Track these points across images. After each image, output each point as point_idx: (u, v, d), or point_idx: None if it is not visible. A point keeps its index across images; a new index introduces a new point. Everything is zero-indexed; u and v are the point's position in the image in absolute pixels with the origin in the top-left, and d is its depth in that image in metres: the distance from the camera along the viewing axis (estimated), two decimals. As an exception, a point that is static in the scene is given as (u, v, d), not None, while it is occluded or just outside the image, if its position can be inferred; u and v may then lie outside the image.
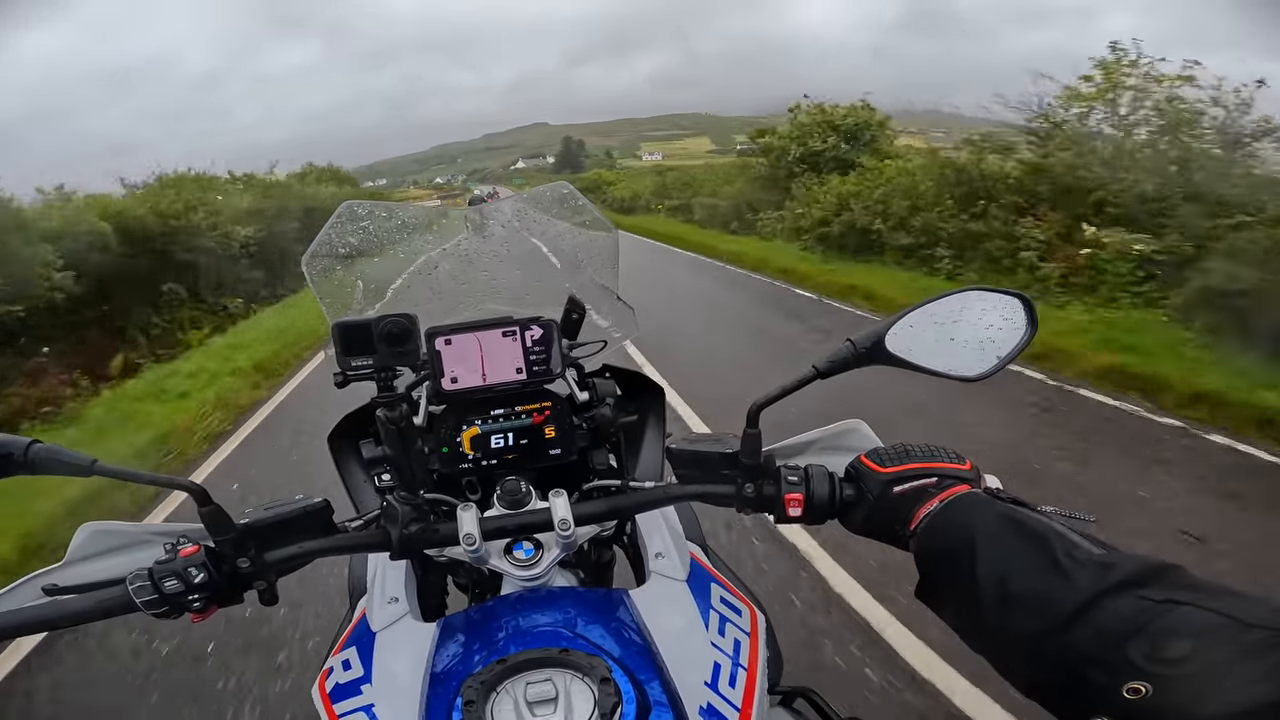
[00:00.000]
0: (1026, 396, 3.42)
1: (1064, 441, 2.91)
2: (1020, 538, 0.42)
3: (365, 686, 0.53)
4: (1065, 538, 0.40)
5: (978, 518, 0.45)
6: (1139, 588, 0.35)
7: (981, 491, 0.49)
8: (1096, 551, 0.39)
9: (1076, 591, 0.37)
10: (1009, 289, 0.53)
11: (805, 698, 0.58)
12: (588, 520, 0.59)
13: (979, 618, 0.41)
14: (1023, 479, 2.50)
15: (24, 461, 0.48)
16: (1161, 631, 0.32)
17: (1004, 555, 0.41)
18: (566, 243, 0.80)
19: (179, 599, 0.51)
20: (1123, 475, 2.57)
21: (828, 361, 0.53)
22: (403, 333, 0.58)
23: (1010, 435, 2.98)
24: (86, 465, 0.48)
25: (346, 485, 0.73)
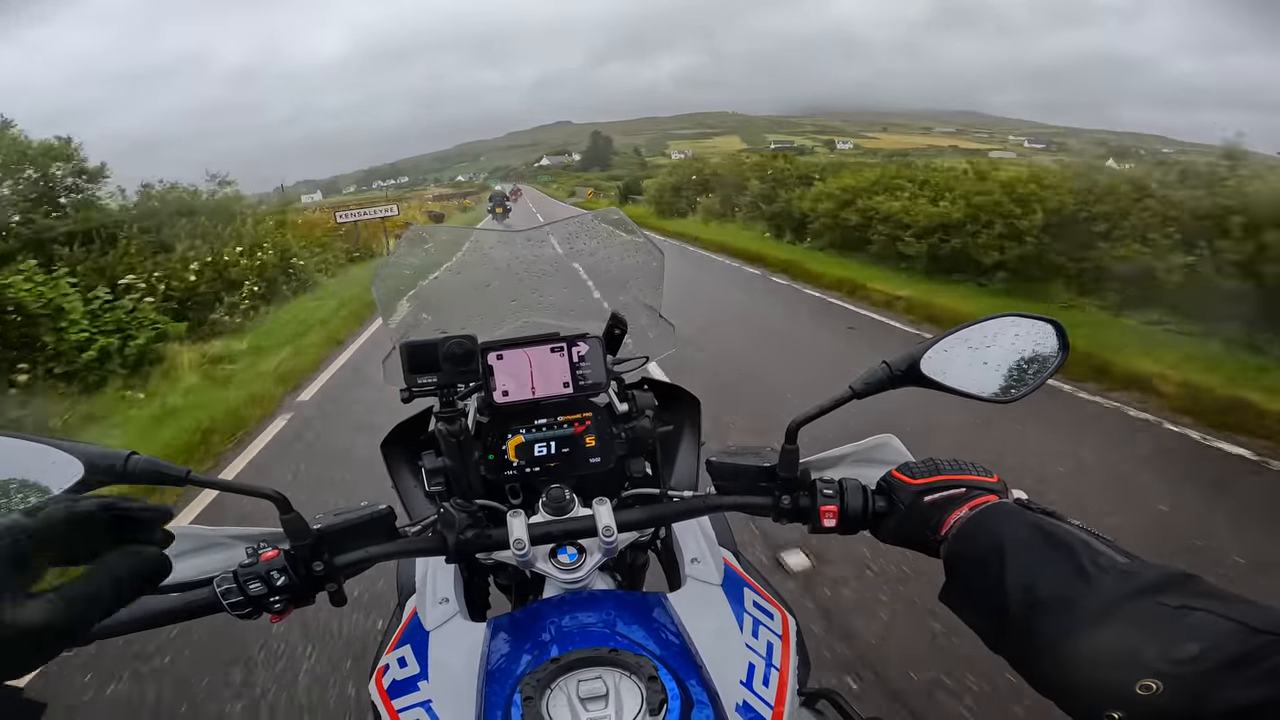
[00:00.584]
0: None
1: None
2: (1049, 546, 0.45)
3: (422, 683, 0.57)
4: (1091, 546, 0.44)
5: (1008, 526, 0.48)
6: (1158, 594, 0.39)
7: (1010, 503, 0.53)
8: (1121, 560, 0.43)
9: (1100, 597, 0.40)
10: (1042, 315, 0.57)
11: (828, 699, 0.62)
12: (630, 527, 0.64)
13: (1005, 621, 0.45)
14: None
15: (123, 472, 0.51)
16: (1175, 634, 0.36)
17: (1033, 562, 0.45)
18: (614, 265, 0.86)
19: (262, 600, 0.56)
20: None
21: (864, 382, 0.58)
22: (465, 353, 0.63)
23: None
24: (181, 475, 0.52)
25: (398, 490, 0.78)
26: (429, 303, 0.82)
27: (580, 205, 30.22)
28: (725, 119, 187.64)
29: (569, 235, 0.86)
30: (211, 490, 0.60)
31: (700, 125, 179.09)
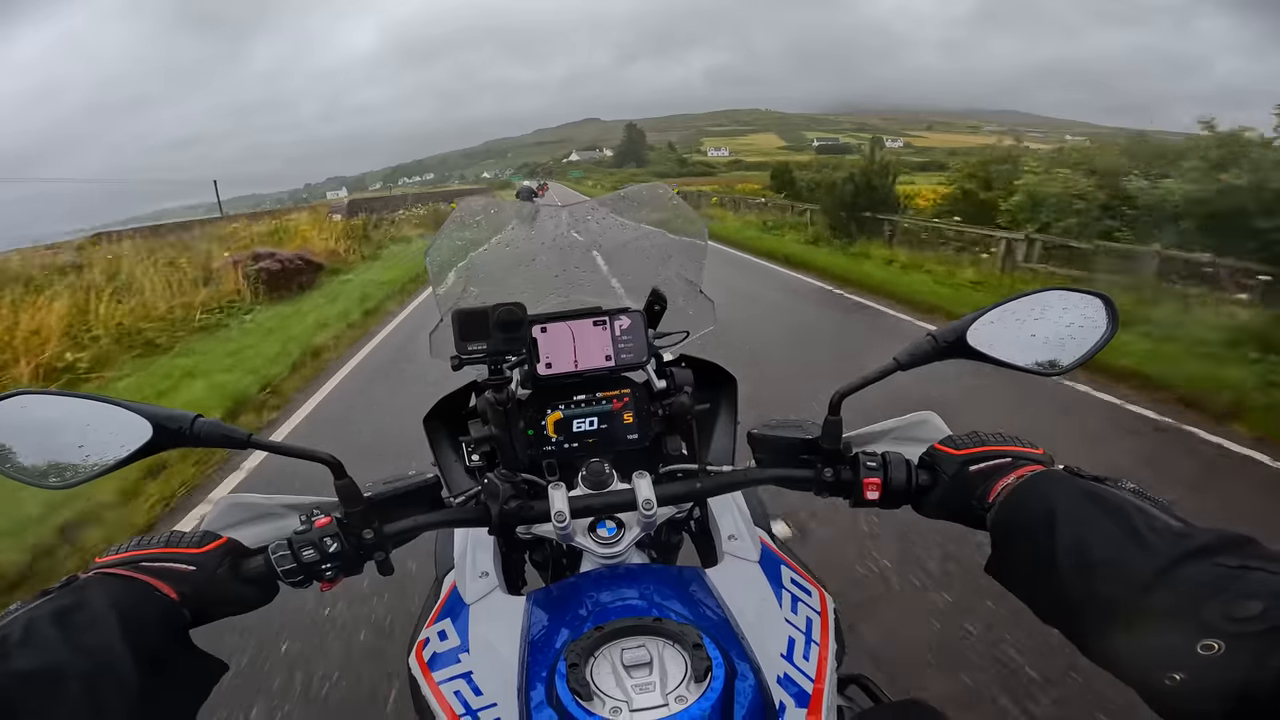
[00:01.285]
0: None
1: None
2: (1101, 511, 0.46)
3: (463, 655, 0.59)
4: (1144, 510, 0.45)
5: (1058, 492, 0.49)
6: (1215, 555, 0.40)
7: (1061, 470, 0.54)
8: (1175, 523, 0.44)
9: (1155, 558, 0.41)
10: (1091, 289, 0.58)
11: (859, 684, 0.64)
12: (669, 501, 0.67)
13: (1055, 587, 0.46)
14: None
15: (190, 434, 0.55)
16: (1235, 594, 0.37)
17: (1084, 526, 0.46)
18: (655, 241, 0.89)
19: (314, 568, 0.58)
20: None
21: (909, 354, 0.60)
22: (515, 320, 0.65)
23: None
24: (243, 438, 0.55)
25: (439, 464, 0.82)
26: (476, 276, 0.86)
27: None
28: (759, 116, 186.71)
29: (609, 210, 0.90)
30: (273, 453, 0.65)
31: (734, 122, 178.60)
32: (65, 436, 0.55)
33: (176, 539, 0.55)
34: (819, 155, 77.98)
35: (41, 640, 0.42)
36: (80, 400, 0.55)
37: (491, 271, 0.86)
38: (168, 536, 0.55)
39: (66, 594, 0.47)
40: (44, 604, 0.45)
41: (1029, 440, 0.59)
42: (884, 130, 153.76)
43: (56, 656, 0.42)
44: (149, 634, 0.47)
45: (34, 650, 0.41)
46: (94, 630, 0.44)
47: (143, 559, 0.53)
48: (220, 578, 0.55)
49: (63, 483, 0.54)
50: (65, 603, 0.45)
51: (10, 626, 0.43)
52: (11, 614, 0.45)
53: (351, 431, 3.61)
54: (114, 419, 0.54)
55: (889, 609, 1.89)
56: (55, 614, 0.44)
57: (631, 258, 0.88)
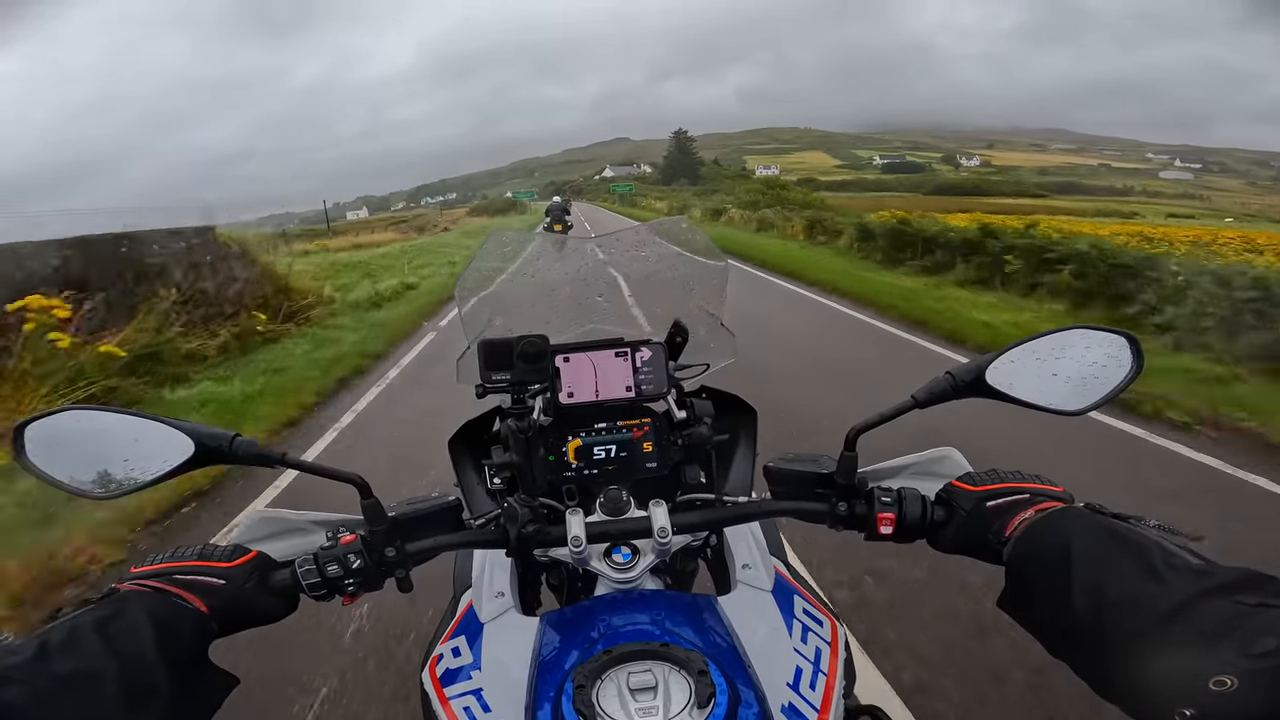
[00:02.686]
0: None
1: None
2: (1119, 548, 0.49)
3: (475, 673, 0.64)
4: (1164, 548, 0.48)
5: (1077, 528, 0.52)
6: (1234, 592, 0.42)
7: (1081, 507, 0.56)
8: (1195, 561, 0.46)
9: (1172, 595, 0.44)
10: (1115, 328, 0.61)
11: (871, 715, 0.66)
12: (685, 529, 0.72)
13: (1069, 622, 0.48)
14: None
15: (229, 451, 0.61)
16: (1252, 631, 0.39)
17: (1102, 562, 0.48)
18: (678, 272, 0.95)
19: (338, 583, 0.63)
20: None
21: (926, 392, 0.64)
22: (539, 352, 0.70)
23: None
24: (277, 457, 0.62)
25: (462, 485, 0.89)
26: (501, 305, 0.93)
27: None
28: (801, 134, 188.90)
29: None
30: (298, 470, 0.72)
31: (774, 140, 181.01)
32: (112, 450, 0.61)
33: (209, 552, 0.61)
34: (885, 175, 76.87)
35: (82, 646, 0.48)
36: (127, 416, 0.61)
37: (516, 301, 0.93)
38: (201, 549, 0.61)
39: (107, 604, 0.53)
40: (86, 613, 0.51)
41: (1049, 479, 0.62)
42: (937, 149, 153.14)
43: (95, 662, 0.47)
44: (180, 645, 0.53)
45: (74, 655, 0.47)
46: (130, 639, 0.50)
47: (176, 571, 0.59)
48: (248, 591, 0.61)
49: (107, 494, 0.61)
50: (105, 612, 0.51)
51: (54, 632, 0.49)
52: (54, 622, 0.51)
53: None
54: (158, 435, 0.61)
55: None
56: (96, 622, 0.50)
57: (654, 290, 0.94)
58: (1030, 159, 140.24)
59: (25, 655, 0.46)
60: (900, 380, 0.96)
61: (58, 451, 0.60)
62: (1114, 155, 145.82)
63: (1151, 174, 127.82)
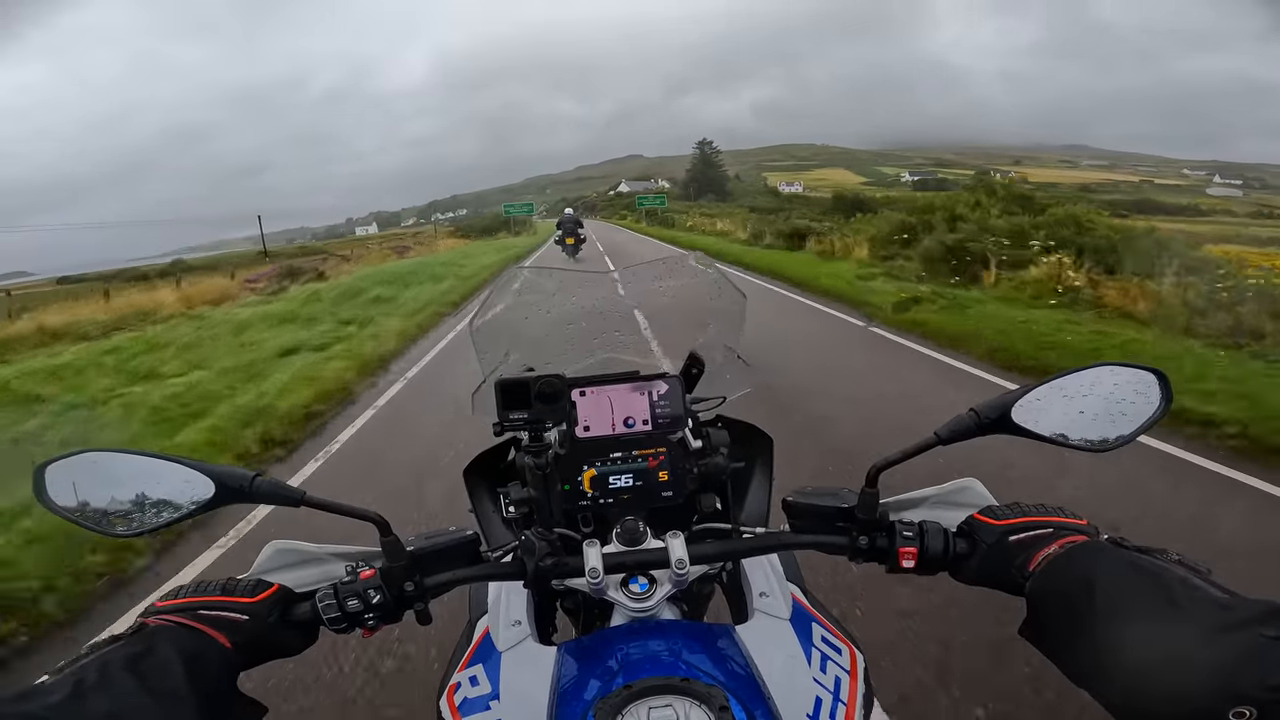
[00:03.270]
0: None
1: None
2: (1143, 581, 0.51)
3: (493, 703, 0.65)
4: (1188, 582, 0.49)
5: (1100, 562, 0.54)
6: (1256, 625, 0.43)
7: (1105, 540, 0.58)
8: (1218, 594, 0.48)
9: (1195, 628, 0.45)
10: (1144, 364, 0.62)
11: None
12: (702, 560, 0.73)
13: (1091, 652, 0.50)
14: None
15: (249, 491, 0.63)
16: (1272, 663, 0.40)
17: (1124, 595, 0.50)
18: (694, 306, 0.98)
19: (358, 617, 0.66)
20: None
21: (949, 430, 0.65)
22: (555, 392, 0.73)
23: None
24: (298, 497, 0.63)
25: (478, 515, 0.91)
26: (517, 341, 0.96)
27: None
28: (818, 151, 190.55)
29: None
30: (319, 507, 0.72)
31: (791, 157, 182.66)
32: (133, 491, 0.63)
33: (232, 587, 0.63)
34: (916, 192, 75.42)
35: (115, 685, 0.49)
36: (146, 458, 0.63)
37: (532, 336, 0.96)
38: (224, 584, 0.63)
39: (136, 641, 0.55)
40: (117, 649, 0.53)
41: (1073, 512, 0.63)
42: (963, 165, 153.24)
43: (128, 700, 0.49)
44: (208, 680, 0.55)
45: (108, 694, 0.49)
46: (161, 676, 0.52)
47: (201, 606, 0.61)
48: (270, 626, 0.63)
49: (128, 532, 0.63)
50: (136, 649, 0.53)
51: (86, 670, 0.50)
52: (85, 657, 0.52)
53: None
54: (177, 476, 0.63)
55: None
56: (127, 660, 0.52)
57: (670, 323, 0.97)
58: (1064, 175, 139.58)
59: (61, 696, 0.47)
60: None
61: (77, 491, 0.62)
62: (1150, 171, 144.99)
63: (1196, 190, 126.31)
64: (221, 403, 5.27)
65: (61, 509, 0.61)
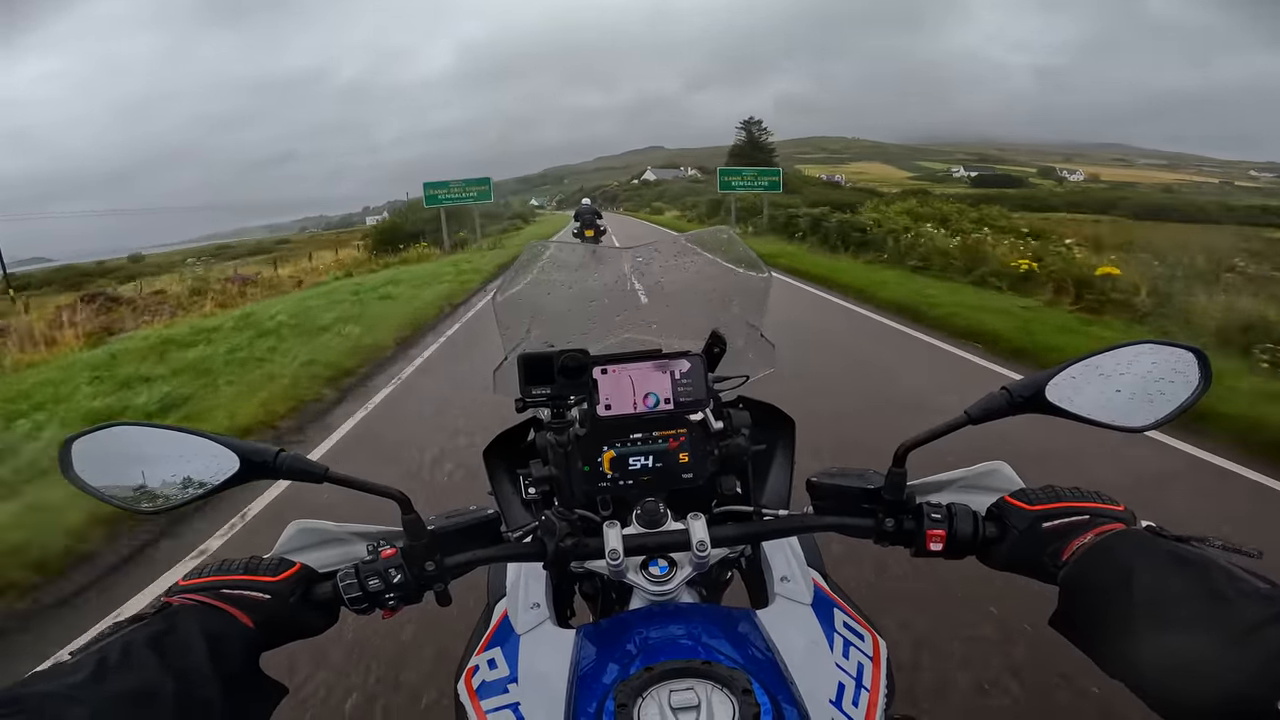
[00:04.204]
0: None
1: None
2: (1184, 572, 0.51)
3: (511, 686, 0.67)
4: (1231, 573, 0.50)
5: (1138, 552, 0.55)
6: None
7: (1142, 529, 0.59)
8: (1262, 585, 0.48)
9: (1237, 620, 0.46)
10: (1184, 343, 0.63)
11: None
12: (724, 543, 0.75)
13: (1128, 645, 0.51)
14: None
15: (274, 466, 0.65)
16: None
17: (1164, 586, 0.51)
18: (717, 284, 1.00)
19: (379, 597, 0.68)
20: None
21: (981, 408, 0.66)
22: (579, 366, 0.76)
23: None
24: (320, 472, 0.65)
25: (497, 496, 0.94)
26: (539, 317, 0.99)
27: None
28: (849, 144, 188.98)
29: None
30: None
31: (822, 149, 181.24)
32: (158, 466, 0.65)
33: (254, 565, 0.66)
34: (974, 189, 71.91)
35: (138, 663, 0.51)
36: (171, 432, 0.66)
37: (555, 312, 0.99)
38: (246, 562, 0.66)
39: (159, 620, 0.57)
40: (140, 628, 0.55)
41: (1110, 496, 0.64)
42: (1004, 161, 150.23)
43: (151, 679, 0.50)
44: (231, 660, 0.57)
45: (132, 672, 0.50)
46: (184, 655, 0.54)
47: (224, 585, 0.63)
48: (292, 605, 0.65)
49: (154, 509, 0.65)
50: (159, 628, 0.55)
51: (109, 649, 0.52)
52: (109, 636, 0.54)
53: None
54: (203, 450, 0.65)
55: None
56: (150, 639, 0.54)
57: (692, 301, 0.99)
58: (1121, 174, 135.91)
59: (84, 674, 0.49)
60: None
61: (103, 466, 0.65)
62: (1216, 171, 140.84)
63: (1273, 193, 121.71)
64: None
65: (87, 485, 0.63)
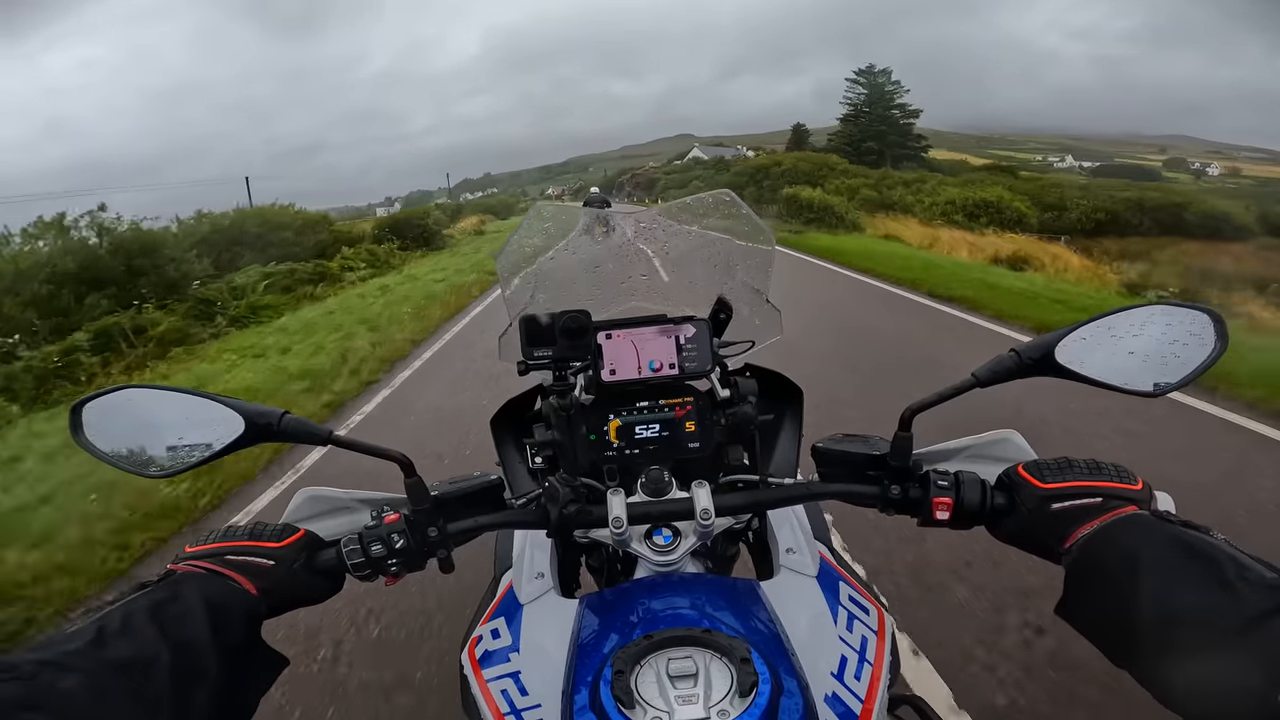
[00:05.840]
0: None
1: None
2: (1188, 558, 0.54)
3: (513, 655, 0.72)
4: (1237, 560, 0.52)
5: (1144, 540, 0.57)
6: None
7: (1149, 514, 0.61)
8: (1269, 575, 0.51)
9: (1245, 608, 0.49)
10: (1199, 304, 0.66)
11: (911, 705, 0.72)
12: (728, 511, 0.80)
13: (1133, 633, 0.54)
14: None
15: (277, 429, 0.70)
16: None
17: (1170, 575, 0.54)
18: (721, 249, 1.04)
19: (381, 563, 0.72)
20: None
21: (989, 370, 0.70)
22: (580, 328, 0.80)
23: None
24: (324, 435, 0.71)
25: (503, 465, 0.99)
26: (543, 282, 1.04)
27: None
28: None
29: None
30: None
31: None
32: (165, 429, 0.71)
33: (259, 531, 0.71)
34: (1098, 178, 65.32)
35: (137, 632, 0.54)
36: (179, 395, 0.71)
37: (558, 277, 1.04)
38: (252, 528, 0.71)
39: (162, 588, 0.60)
40: (141, 597, 0.58)
41: (1128, 471, 0.66)
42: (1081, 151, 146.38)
43: (148, 647, 0.54)
44: (231, 628, 0.61)
45: (129, 641, 0.53)
46: (184, 624, 0.57)
47: (229, 551, 0.68)
48: (295, 572, 0.70)
49: (162, 472, 0.71)
50: (160, 596, 0.59)
51: (110, 617, 0.55)
52: (112, 604, 0.57)
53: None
54: (209, 413, 0.70)
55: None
56: (150, 607, 0.57)
57: (697, 266, 1.04)
58: (1261, 170, 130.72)
59: (83, 642, 0.52)
60: None
61: (113, 429, 0.71)
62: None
63: None
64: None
65: (97, 449, 0.70)
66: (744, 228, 1.04)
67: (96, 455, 0.70)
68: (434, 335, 8.14)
